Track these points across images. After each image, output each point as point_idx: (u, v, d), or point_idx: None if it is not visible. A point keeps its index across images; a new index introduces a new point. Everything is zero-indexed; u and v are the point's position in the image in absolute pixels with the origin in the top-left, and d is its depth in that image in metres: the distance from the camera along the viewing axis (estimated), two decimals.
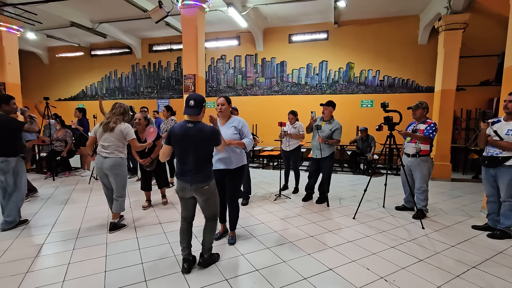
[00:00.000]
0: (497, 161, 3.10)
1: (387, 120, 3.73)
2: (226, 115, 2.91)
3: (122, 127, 3.20)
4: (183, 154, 2.30)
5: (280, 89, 9.14)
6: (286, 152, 5.02)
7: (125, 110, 3.32)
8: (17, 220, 3.36)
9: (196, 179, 2.28)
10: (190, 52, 5.31)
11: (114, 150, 3.19)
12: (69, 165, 6.43)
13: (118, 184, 3.26)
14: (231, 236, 3.02)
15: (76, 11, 7.68)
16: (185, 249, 2.43)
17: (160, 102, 10.41)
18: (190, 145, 2.26)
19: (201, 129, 2.26)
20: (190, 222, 2.48)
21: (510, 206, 3.10)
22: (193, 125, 2.26)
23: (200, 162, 2.29)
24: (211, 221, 2.48)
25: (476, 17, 6.70)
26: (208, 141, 2.29)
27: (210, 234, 2.48)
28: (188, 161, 2.28)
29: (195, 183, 2.28)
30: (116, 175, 3.22)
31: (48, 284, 2.21)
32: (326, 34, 8.51)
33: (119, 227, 3.32)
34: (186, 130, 2.26)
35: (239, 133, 2.86)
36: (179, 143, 2.29)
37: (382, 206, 4.26)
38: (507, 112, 3.10)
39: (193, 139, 2.25)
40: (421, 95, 7.79)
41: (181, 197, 2.41)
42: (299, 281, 2.29)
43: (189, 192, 2.33)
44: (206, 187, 2.32)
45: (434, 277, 2.37)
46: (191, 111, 2.25)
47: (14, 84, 6.63)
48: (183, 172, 2.31)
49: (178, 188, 2.37)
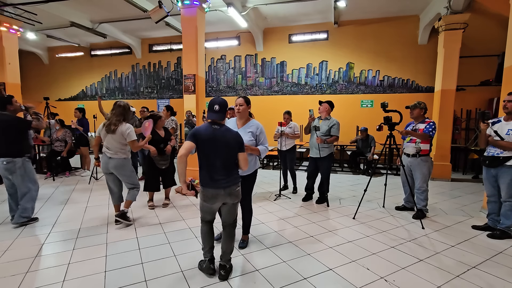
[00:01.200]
0: (498, 161, 3.10)
1: (387, 120, 3.74)
2: (244, 116, 2.77)
3: (123, 128, 3.22)
4: (212, 157, 2.20)
5: (280, 89, 9.14)
6: (283, 152, 5.04)
7: (125, 109, 3.33)
8: (30, 216, 3.44)
9: (229, 183, 2.22)
10: (190, 52, 5.31)
11: (117, 152, 3.26)
12: (69, 165, 6.44)
13: (126, 179, 3.42)
14: (243, 240, 2.97)
15: (76, 11, 7.68)
16: (210, 250, 2.38)
17: (160, 102, 10.41)
18: (218, 146, 2.19)
19: (227, 131, 2.24)
20: (212, 223, 2.41)
21: (511, 206, 3.10)
22: (219, 127, 2.22)
23: (229, 165, 2.24)
24: (231, 227, 2.39)
25: (476, 17, 6.70)
26: (236, 143, 2.23)
27: (231, 241, 2.40)
28: (217, 165, 2.20)
29: (229, 187, 2.22)
30: (121, 174, 3.37)
31: (48, 284, 2.21)
32: (326, 34, 8.51)
33: (125, 218, 3.40)
34: (213, 131, 2.20)
35: (256, 139, 2.75)
36: (207, 145, 2.19)
37: (382, 206, 4.26)
38: (507, 112, 3.11)
39: (222, 140, 2.19)
40: (421, 95, 7.79)
41: (212, 203, 2.26)
42: (299, 281, 2.29)
43: (222, 198, 2.23)
44: (238, 189, 2.29)
45: (434, 277, 2.37)
46: (216, 115, 2.21)
47: (14, 84, 6.63)
48: (214, 179, 2.19)
49: (209, 197, 2.22)
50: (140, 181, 5.75)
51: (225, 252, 2.37)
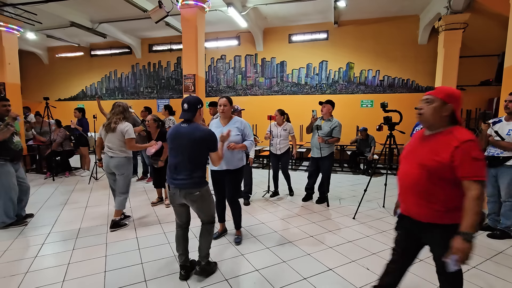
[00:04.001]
0: (498, 161, 3.10)
1: (387, 120, 3.74)
2: (228, 116, 2.92)
3: (122, 126, 3.26)
4: (174, 155, 2.19)
5: (280, 89, 9.13)
6: (276, 155, 4.68)
7: (124, 108, 3.36)
8: (7, 222, 3.29)
9: (187, 185, 2.13)
10: (190, 52, 5.31)
11: (118, 150, 3.27)
12: (68, 165, 6.43)
13: (122, 182, 3.35)
14: (237, 235, 3.03)
15: (76, 11, 7.67)
16: (181, 256, 2.32)
17: (160, 102, 10.41)
18: (182, 144, 2.15)
19: (195, 129, 2.15)
20: (186, 228, 2.36)
21: (511, 206, 3.09)
22: (187, 125, 2.18)
23: (192, 165, 2.14)
24: (207, 224, 2.34)
25: (476, 17, 6.69)
26: (202, 141, 2.15)
27: (207, 238, 2.33)
28: (179, 163, 2.16)
29: (184, 189, 2.14)
30: (121, 173, 3.33)
31: (48, 284, 2.21)
32: (326, 34, 8.51)
33: (120, 225, 3.35)
34: (178, 129, 2.19)
35: (242, 134, 2.87)
36: (171, 142, 2.20)
37: (382, 206, 4.26)
38: (508, 112, 3.10)
39: (186, 138, 2.14)
40: (421, 95, 7.63)
41: (172, 203, 2.27)
42: (299, 281, 2.29)
43: (179, 198, 2.19)
44: (197, 193, 2.15)
45: (434, 277, 2.34)
46: (184, 114, 2.18)
47: (14, 84, 6.62)
48: (174, 177, 2.17)
49: (169, 194, 2.24)
50: (140, 181, 5.81)
51: (200, 248, 2.33)
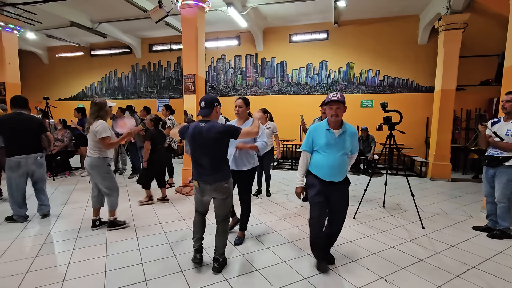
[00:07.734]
0: (497, 161, 3.10)
1: (387, 120, 3.74)
2: (243, 117, 2.95)
3: (93, 126, 3.09)
4: (197, 154, 2.32)
5: (280, 89, 9.13)
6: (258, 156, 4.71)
7: (100, 106, 3.16)
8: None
9: (215, 178, 2.30)
10: (190, 52, 5.30)
11: (91, 150, 3.14)
12: (69, 165, 6.43)
13: (100, 181, 3.19)
14: (239, 237, 3.02)
15: (76, 11, 7.68)
16: (198, 240, 2.47)
17: (160, 102, 10.41)
18: (202, 142, 2.27)
19: (212, 126, 2.26)
20: (204, 215, 2.52)
21: (505, 208, 3.11)
22: (205, 124, 2.29)
23: (215, 161, 2.30)
24: (223, 222, 2.46)
25: (476, 17, 6.69)
26: (221, 136, 2.26)
27: (224, 236, 2.46)
28: (203, 161, 2.29)
29: (214, 182, 2.30)
30: (94, 174, 3.17)
31: (48, 284, 2.21)
32: (326, 34, 8.50)
33: (118, 224, 3.30)
34: (198, 129, 2.29)
35: None
36: (192, 142, 2.33)
37: (382, 206, 4.26)
38: (506, 112, 3.11)
39: (205, 136, 2.25)
40: (421, 95, 7.80)
41: (198, 197, 2.43)
42: (299, 281, 2.29)
43: (209, 192, 2.35)
44: (225, 185, 2.33)
45: (434, 277, 2.37)
46: (202, 111, 2.32)
47: (14, 84, 6.63)
48: (201, 174, 2.32)
49: (198, 190, 2.39)
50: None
51: (218, 246, 2.45)
